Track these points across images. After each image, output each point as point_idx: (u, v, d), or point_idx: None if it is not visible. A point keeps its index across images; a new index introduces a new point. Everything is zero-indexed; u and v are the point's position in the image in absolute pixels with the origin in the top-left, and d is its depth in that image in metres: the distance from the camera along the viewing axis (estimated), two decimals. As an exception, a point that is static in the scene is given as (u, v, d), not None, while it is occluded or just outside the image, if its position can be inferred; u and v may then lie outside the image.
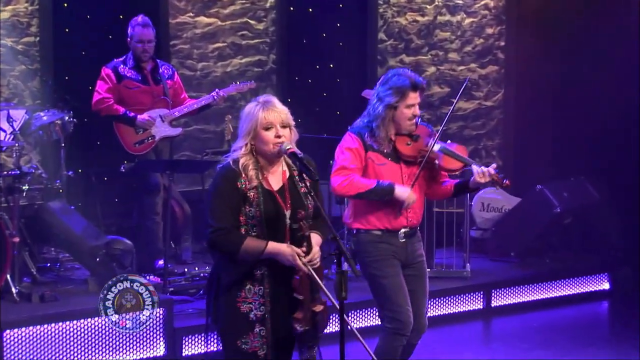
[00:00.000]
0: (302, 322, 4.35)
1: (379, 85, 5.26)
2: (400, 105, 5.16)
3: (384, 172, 5.18)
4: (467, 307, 7.84)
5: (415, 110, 5.19)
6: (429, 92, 9.79)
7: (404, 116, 5.18)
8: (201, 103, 7.75)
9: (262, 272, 4.36)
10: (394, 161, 5.23)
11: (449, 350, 7.01)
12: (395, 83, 5.16)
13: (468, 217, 8.17)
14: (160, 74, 7.70)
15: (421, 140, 5.27)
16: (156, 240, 7.65)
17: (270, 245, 4.31)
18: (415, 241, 5.34)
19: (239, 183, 4.34)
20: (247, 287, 4.36)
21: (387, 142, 5.21)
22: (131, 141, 7.59)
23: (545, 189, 8.70)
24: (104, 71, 7.56)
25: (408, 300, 5.23)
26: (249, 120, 4.39)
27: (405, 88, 5.14)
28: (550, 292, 8.30)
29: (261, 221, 4.33)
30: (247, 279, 4.35)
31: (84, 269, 7.27)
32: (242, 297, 4.36)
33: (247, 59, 9.24)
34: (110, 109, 7.50)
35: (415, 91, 5.16)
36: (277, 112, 4.36)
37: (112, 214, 8.42)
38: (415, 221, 5.31)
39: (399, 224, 5.24)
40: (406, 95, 5.14)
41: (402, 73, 5.20)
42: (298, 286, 4.34)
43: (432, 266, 7.93)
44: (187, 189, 8.71)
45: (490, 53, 10.15)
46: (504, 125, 10.21)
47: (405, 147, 5.23)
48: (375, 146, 5.20)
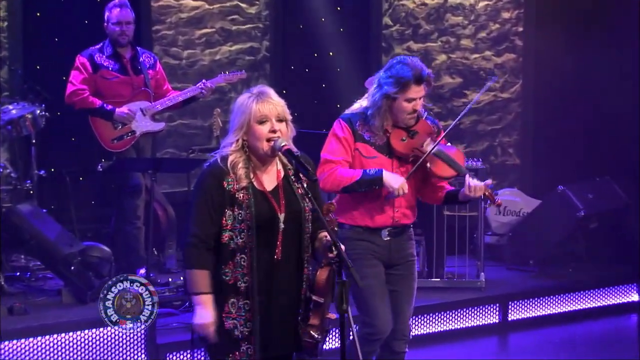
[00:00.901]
0: (318, 329, 4.35)
1: (382, 70, 5.29)
2: (399, 97, 5.18)
3: (372, 166, 5.20)
4: (481, 321, 7.87)
5: (416, 105, 5.20)
6: (439, 83, 9.82)
7: (402, 109, 5.21)
8: (187, 95, 7.77)
9: (246, 285, 4.36)
10: (386, 155, 5.26)
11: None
12: (397, 72, 5.18)
13: (482, 221, 8.20)
14: (141, 62, 7.72)
15: (418, 137, 5.28)
16: (137, 247, 7.67)
17: (206, 298, 4.33)
18: (403, 240, 5.36)
19: (225, 183, 4.36)
20: (231, 301, 4.38)
21: (381, 133, 5.24)
22: (109, 137, 7.61)
23: (568, 190, 8.72)
24: (79, 60, 7.58)
25: (385, 305, 5.26)
26: (241, 113, 4.40)
27: (407, 80, 5.15)
28: (573, 304, 8.32)
29: (251, 226, 4.34)
30: (231, 292, 4.37)
31: (57, 278, 7.29)
32: (226, 312, 4.38)
33: (238, 46, 9.26)
34: (85, 101, 7.53)
35: (419, 84, 5.17)
36: (272, 105, 4.38)
37: (89, 218, 8.44)
38: (404, 220, 5.33)
39: (383, 222, 5.26)
40: (407, 87, 5.16)
41: (408, 62, 5.20)
42: (321, 287, 4.34)
43: (442, 276, 7.97)
44: (171, 190, 8.74)
45: (507, 39, 10.17)
46: (522, 120, 10.24)
47: (399, 142, 5.25)
48: (367, 136, 5.24)
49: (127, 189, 7.66)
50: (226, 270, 4.38)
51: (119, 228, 7.79)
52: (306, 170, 4.37)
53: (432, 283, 7.94)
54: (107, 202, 8.25)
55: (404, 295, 5.34)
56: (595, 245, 8.90)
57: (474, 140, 10.04)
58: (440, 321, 7.63)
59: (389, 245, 5.28)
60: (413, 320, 7.40)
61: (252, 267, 4.34)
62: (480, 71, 9.96)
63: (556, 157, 9.88)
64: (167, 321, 6.93)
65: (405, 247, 5.37)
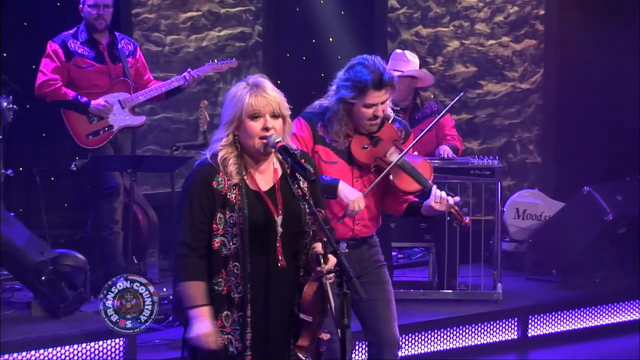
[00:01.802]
0: (307, 350, 4.36)
1: (343, 69, 5.28)
2: (357, 102, 5.18)
3: (332, 173, 5.22)
4: (498, 337, 7.88)
5: (377, 110, 5.20)
6: (451, 72, 9.84)
7: (361, 115, 5.22)
8: (170, 86, 7.78)
9: (241, 296, 4.36)
10: (347, 162, 5.29)
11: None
12: (355, 75, 5.18)
13: (499, 226, 8.20)
14: (120, 50, 7.74)
15: (382, 145, 5.29)
16: (115, 254, 7.69)
17: (204, 310, 4.32)
18: (365, 249, 5.36)
19: (215, 182, 4.36)
20: (225, 314, 4.38)
21: (342, 138, 5.26)
22: (84, 132, 7.63)
23: (595, 192, 8.73)
24: (51, 46, 7.60)
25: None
26: (233, 106, 4.39)
27: (365, 84, 5.15)
28: (600, 318, 8.33)
29: (244, 230, 4.34)
30: (224, 303, 4.37)
31: (27, 290, 7.30)
32: (219, 326, 4.38)
33: (227, 32, 9.28)
34: (57, 92, 7.54)
35: (380, 89, 5.17)
36: (267, 99, 4.37)
37: (61, 223, 8.45)
38: (364, 233, 5.33)
39: (341, 234, 5.27)
40: (365, 92, 5.16)
41: (368, 64, 5.19)
42: (308, 304, 4.34)
43: (454, 287, 7.98)
44: (153, 191, 8.75)
45: (527, 24, 10.19)
46: (543, 113, 10.25)
47: (360, 150, 5.27)
48: (328, 139, 5.27)
49: (104, 190, 7.67)
50: (219, 280, 4.37)
51: (95, 234, 7.80)
52: (303, 170, 4.37)
53: (443, 295, 7.96)
54: (81, 205, 8.26)
55: (379, 302, 5.34)
56: (625, 253, 8.92)
57: (489, 135, 10.05)
58: (451, 338, 7.64)
59: (348, 257, 5.28)
60: (421, 336, 7.44)
61: (244, 275, 4.34)
62: (497, 59, 9.98)
63: (581, 154, 9.89)
64: (149, 337, 6.94)
65: (370, 254, 5.39)
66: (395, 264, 8.80)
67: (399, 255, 9.22)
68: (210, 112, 8.28)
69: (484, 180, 8.04)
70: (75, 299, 7.08)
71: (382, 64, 5.20)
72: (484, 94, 9.95)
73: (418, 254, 9.32)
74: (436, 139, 8.10)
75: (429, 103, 8.11)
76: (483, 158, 8.01)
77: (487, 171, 7.92)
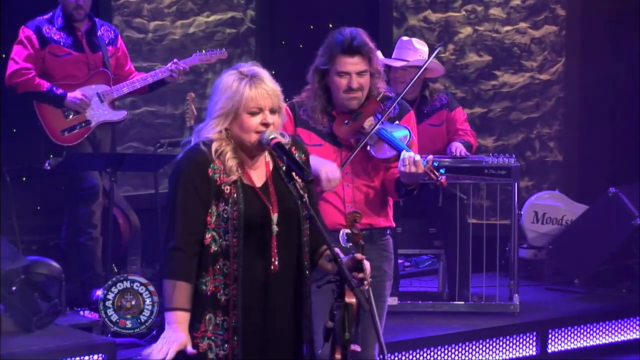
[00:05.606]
0: None
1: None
2: (331, 71, 5.31)
3: (316, 154, 5.22)
4: (514, 353, 7.90)
5: (351, 82, 5.30)
6: (463, 62, 9.87)
7: (335, 86, 5.33)
8: (155, 78, 7.81)
9: (227, 297, 4.36)
10: (333, 144, 5.39)
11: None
12: (328, 42, 5.35)
13: (516, 231, 8.22)
14: (99, 37, 7.77)
15: (362, 118, 5.40)
16: (93, 262, 7.71)
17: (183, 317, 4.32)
18: (372, 249, 5.27)
19: (211, 170, 4.35)
20: (208, 317, 4.37)
21: (320, 116, 5.38)
22: (58, 128, 7.65)
23: (621, 194, 8.76)
24: (23, 32, 7.63)
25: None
26: (227, 98, 4.37)
27: (334, 48, 5.29)
28: (626, 333, 8.35)
29: (238, 227, 4.34)
30: (208, 304, 4.36)
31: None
32: (201, 331, 4.37)
33: (216, 17, 9.31)
34: (30, 83, 7.57)
35: (351, 55, 5.27)
36: (267, 92, 4.37)
37: (34, 227, 8.48)
38: (363, 225, 5.19)
39: (333, 220, 5.28)
40: (334, 58, 5.29)
41: (342, 31, 5.33)
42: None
43: (467, 298, 8.00)
44: (135, 192, 8.78)
45: (547, 8, 10.20)
46: (565, 107, 10.27)
47: (342, 127, 5.38)
48: (311, 122, 5.38)
49: (81, 192, 7.70)
50: (206, 279, 4.37)
51: (71, 240, 7.83)
52: (300, 169, 4.36)
53: (454, 307, 7.98)
54: (56, 208, 8.28)
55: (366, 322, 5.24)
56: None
57: (506, 131, 10.08)
58: (463, 354, 7.67)
59: (347, 252, 5.22)
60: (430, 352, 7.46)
61: (233, 276, 4.34)
62: (514, 47, 10.00)
63: (607, 152, 9.91)
64: (130, 353, 6.96)
65: (370, 259, 5.14)
66: (402, 272, 8.82)
67: (405, 264, 9.25)
68: (198, 106, 8.31)
69: (500, 180, 8.06)
70: (49, 311, 7.09)
71: (359, 33, 5.32)
72: (499, 85, 9.98)
73: (427, 261, 9.34)
74: (447, 134, 8.11)
75: (439, 95, 8.13)
76: (498, 156, 8.02)
77: (502, 171, 7.94)
